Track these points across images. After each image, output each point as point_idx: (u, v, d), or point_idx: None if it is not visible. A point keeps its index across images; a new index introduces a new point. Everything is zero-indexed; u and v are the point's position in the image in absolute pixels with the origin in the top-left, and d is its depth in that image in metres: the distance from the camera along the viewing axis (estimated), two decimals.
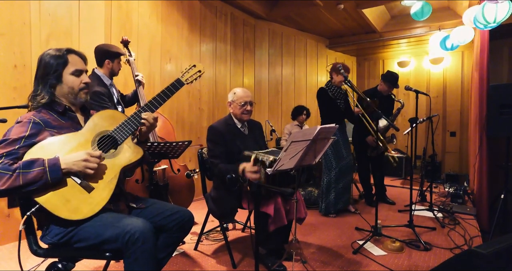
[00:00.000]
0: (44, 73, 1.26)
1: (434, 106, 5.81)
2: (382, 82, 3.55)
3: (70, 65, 1.29)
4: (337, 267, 2.04)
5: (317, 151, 1.71)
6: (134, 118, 1.35)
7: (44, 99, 1.25)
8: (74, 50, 1.33)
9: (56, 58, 1.26)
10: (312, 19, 5.01)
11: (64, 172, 1.13)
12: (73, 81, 1.29)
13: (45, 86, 1.26)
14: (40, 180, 1.08)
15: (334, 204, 3.11)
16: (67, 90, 1.30)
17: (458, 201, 3.67)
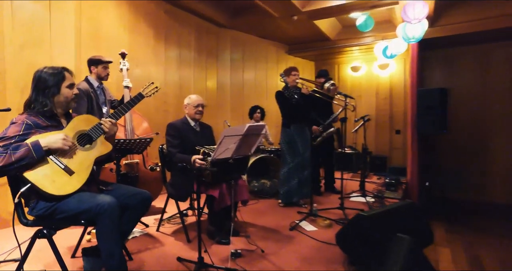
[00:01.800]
0: (45, 86, 1.64)
1: (383, 107, 6.49)
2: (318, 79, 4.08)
3: (67, 80, 1.69)
4: (274, 241, 2.52)
5: (251, 144, 2.17)
6: None
7: (46, 107, 1.63)
8: (67, 69, 1.72)
9: (55, 74, 1.66)
10: (271, 28, 5.50)
11: (45, 149, 1.52)
12: (67, 92, 1.69)
13: (46, 96, 1.64)
14: (27, 156, 1.46)
15: (290, 196, 3.56)
16: (63, 100, 1.69)
17: (391, 188, 4.28)
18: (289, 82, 3.49)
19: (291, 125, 3.51)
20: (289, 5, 4.45)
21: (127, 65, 3.08)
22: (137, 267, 2.00)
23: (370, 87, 6.58)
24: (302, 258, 2.17)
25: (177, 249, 2.31)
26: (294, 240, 2.54)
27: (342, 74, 6.90)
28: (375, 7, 4.54)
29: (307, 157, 3.52)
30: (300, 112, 3.54)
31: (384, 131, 6.47)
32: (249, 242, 2.43)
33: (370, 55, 6.41)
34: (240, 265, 2.02)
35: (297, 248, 2.36)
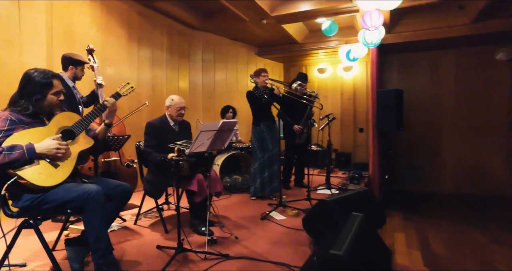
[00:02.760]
0: (31, 91, 1.71)
1: (347, 106, 6.91)
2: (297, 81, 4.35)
3: (54, 88, 1.77)
4: (247, 229, 2.73)
5: (224, 139, 2.37)
6: (88, 117, 1.88)
7: (29, 111, 1.70)
8: (57, 76, 1.80)
9: (43, 83, 1.73)
10: (242, 31, 5.71)
11: (38, 155, 1.63)
12: (52, 99, 1.78)
13: (30, 100, 1.71)
14: (21, 159, 1.57)
15: (261, 190, 3.78)
16: (47, 105, 1.77)
17: (355, 182, 4.63)
18: (259, 82, 3.72)
19: (261, 123, 3.74)
20: (258, 9, 4.68)
21: (97, 62, 3.09)
22: (118, 256, 2.12)
23: (335, 88, 6.98)
24: (272, 242, 2.40)
25: (155, 239, 2.46)
26: (265, 227, 2.76)
27: (309, 76, 7.21)
28: (338, 14, 4.88)
29: (276, 152, 3.77)
30: (270, 111, 3.78)
31: (348, 129, 6.89)
32: (223, 231, 2.62)
33: (335, 58, 6.79)
34: (216, 249, 2.21)
35: (268, 234, 2.58)
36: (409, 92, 6.28)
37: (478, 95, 5.82)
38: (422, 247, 3.49)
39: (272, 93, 3.72)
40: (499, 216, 4.60)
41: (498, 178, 5.68)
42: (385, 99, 4.87)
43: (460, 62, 5.95)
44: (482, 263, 3.10)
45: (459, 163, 5.96)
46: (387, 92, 4.89)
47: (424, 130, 6.18)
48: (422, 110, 6.21)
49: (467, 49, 5.86)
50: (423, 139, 6.19)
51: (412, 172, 6.17)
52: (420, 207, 5.09)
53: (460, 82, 5.96)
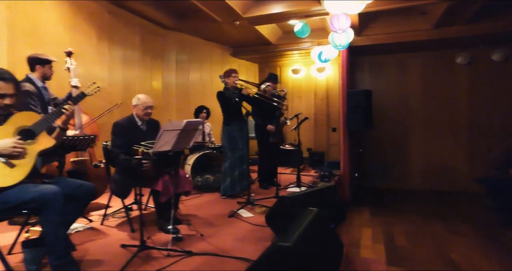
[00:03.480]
0: None
1: (320, 107, 7.07)
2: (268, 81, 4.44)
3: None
4: (213, 226, 2.78)
5: (189, 138, 2.41)
6: (49, 117, 1.88)
7: None
8: (2, 78, 1.75)
9: None
10: (216, 31, 5.75)
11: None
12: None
13: None
14: None
15: (231, 188, 3.84)
16: None
17: (325, 180, 4.77)
18: (229, 83, 3.78)
19: (231, 123, 3.80)
20: (231, 11, 4.74)
21: (74, 64, 3.09)
22: (80, 256, 2.12)
23: (309, 89, 7.13)
24: (237, 239, 2.47)
25: (121, 238, 2.47)
26: (231, 225, 2.82)
27: (284, 76, 7.37)
28: (309, 16, 5.00)
29: (246, 152, 3.84)
30: (240, 111, 3.85)
31: (322, 129, 7.05)
32: (190, 229, 2.66)
33: (308, 59, 6.93)
34: (180, 247, 2.25)
35: (233, 231, 2.64)
36: (380, 93, 6.52)
37: (442, 97, 6.12)
38: (386, 241, 3.66)
39: (241, 93, 3.79)
40: (460, 209, 4.88)
41: (460, 175, 5.99)
42: (354, 100, 5.04)
43: (426, 64, 6.23)
44: (438, 252, 3.30)
45: (426, 161, 6.24)
46: (356, 93, 5.06)
47: (394, 130, 6.43)
48: (392, 111, 6.46)
49: (432, 52, 6.15)
50: (393, 138, 6.44)
51: (382, 169, 6.40)
52: (389, 203, 5.30)
53: (426, 84, 6.24)
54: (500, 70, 5.76)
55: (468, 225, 4.09)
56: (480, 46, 5.81)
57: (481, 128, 5.86)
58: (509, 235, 3.74)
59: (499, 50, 5.66)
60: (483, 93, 5.86)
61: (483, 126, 5.85)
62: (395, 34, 5.54)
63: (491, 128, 5.80)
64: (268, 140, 4.27)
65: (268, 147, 4.36)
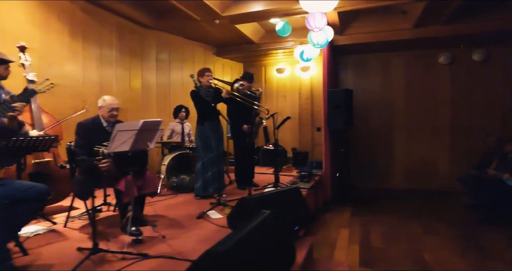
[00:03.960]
0: None
1: (305, 106, 7.04)
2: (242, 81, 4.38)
3: None
4: (179, 228, 2.73)
5: (149, 139, 2.35)
6: None
7: None
8: None
9: None
10: (197, 30, 5.68)
11: None
12: None
13: None
14: None
15: (204, 189, 3.78)
16: None
17: (305, 180, 4.73)
18: (203, 82, 3.72)
19: (205, 122, 3.75)
20: (209, 9, 4.68)
21: (29, 60, 3.00)
22: (32, 260, 2.06)
23: (293, 88, 7.10)
24: (199, 240, 2.41)
25: (81, 241, 2.40)
26: (198, 226, 2.77)
27: (268, 76, 7.33)
28: (289, 14, 4.96)
29: (221, 152, 3.79)
30: (214, 111, 3.79)
31: (306, 128, 7.02)
32: (154, 230, 2.60)
33: (293, 58, 6.86)
34: (138, 249, 2.19)
35: (198, 233, 2.59)
36: (364, 93, 6.52)
37: (425, 96, 6.12)
38: (362, 241, 3.64)
39: (215, 93, 3.73)
40: (439, 209, 4.87)
41: (442, 174, 6.00)
42: (335, 99, 5.02)
43: (408, 64, 6.23)
44: (412, 252, 3.28)
45: (409, 160, 6.23)
46: (337, 92, 5.04)
47: (378, 129, 6.42)
48: (376, 110, 6.45)
49: (414, 52, 6.15)
50: (376, 137, 6.43)
51: (366, 169, 6.39)
52: (370, 203, 5.29)
53: (409, 84, 6.24)
54: (480, 70, 5.78)
55: (445, 224, 4.09)
56: (462, 46, 5.83)
57: (462, 128, 5.88)
58: (483, 234, 3.74)
59: (479, 50, 5.68)
60: (464, 93, 5.87)
61: (464, 126, 5.86)
62: (376, 33, 5.53)
63: (471, 128, 5.81)
64: (244, 140, 4.22)
65: (244, 148, 4.31)
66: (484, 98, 5.74)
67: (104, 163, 2.34)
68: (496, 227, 3.94)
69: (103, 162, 2.34)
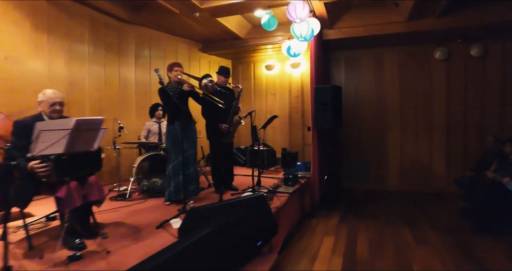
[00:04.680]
0: None
1: (295, 104, 6.73)
2: (219, 76, 4.07)
3: None
4: (132, 239, 2.43)
5: (90, 139, 2.06)
6: None
7: None
8: None
9: None
10: (179, 25, 5.39)
11: None
12: None
13: None
14: None
15: (175, 194, 3.48)
16: None
17: (289, 183, 4.41)
18: (171, 77, 3.42)
19: (175, 122, 3.45)
20: (187, 2, 4.40)
21: None
22: None
23: (283, 86, 6.79)
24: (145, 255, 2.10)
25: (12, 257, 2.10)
26: (154, 237, 2.47)
27: (257, 73, 7.03)
28: (272, 6, 4.67)
29: (193, 154, 3.49)
30: (185, 109, 3.50)
31: (296, 128, 6.71)
32: (101, 244, 2.30)
33: (283, 54, 6.58)
34: (72, 268, 1.89)
35: (150, 245, 2.28)
36: (356, 90, 6.21)
37: (420, 94, 5.80)
38: (346, 252, 3.33)
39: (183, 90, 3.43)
40: (433, 213, 4.53)
41: (438, 176, 5.67)
42: (322, 96, 4.70)
43: (402, 60, 5.91)
44: (399, 264, 2.97)
45: (403, 161, 5.91)
46: (324, 89, 4.72)
47: (370, 128, 6.10)
48: (368, 108, 6.13)
49: (408, 47, 5.83)
50: (369, 137, 6.11)
51: (358, 170, 6.07)
52: (361, 206, 4.96)
53: (403, 81, 5.91)
54: (478, 66, 5.44)
55: (438, 232, 3.76)
56: (459, 41, 5.50)
57: (459, 127, 5.55)
58: (480, 243, 3.41)
59: (477, 44, 5.34)
60: (461, 90, 5.54)
61: (461, 125, 5.53)
62: (368, 27, 5.21)
63: (468, 127, 5.48)
64: (221, 140, 3.92)
65: (221, 148, 4.00)
66: (482, 96, 5.41)
67: (42, 167, 2.04)
68: (494, 235, 3.61)
69: (40, 166, 2.05)
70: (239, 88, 4.01)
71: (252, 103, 7.06)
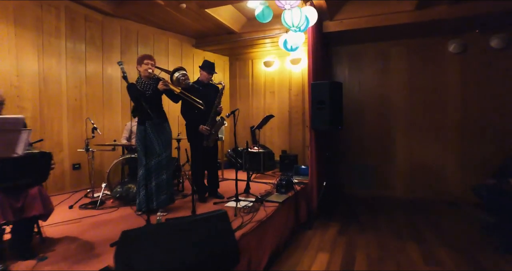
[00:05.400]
0: None
1: (295, 103, 6.27)
2: (201, 71, 3.67)
3: None
4: (75, 261, 2.04)
5: (10, 142, 1.67)
6: None
7: None
8: None
9: None
10: (168, 19, 5.02)
11: None
12: None
13: None
14: None
15: (146, 202, 3.08)
16: None
17: (282, 190, 3.96)
18: (141, 72, 3.04)
19: (146, 121, 3.05)
20: None
21: None
22: None
23: (283, 83, 6.34)
24: None
25: None
26: (102, 258, 2.07)
27: (256, 70, 6.60)
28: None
29: (166, 158, 3.08)
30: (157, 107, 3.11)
31: (297, 128, 6.25)
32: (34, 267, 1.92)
33: (282, 50, 6.13)
34: None
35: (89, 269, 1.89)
36: (360, 88, 5.71)
37: (431, 92, 5.25)
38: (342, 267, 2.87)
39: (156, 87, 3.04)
40: (445, 227, 3.99)
41: (452, 182, 5.11)
42: (319, 93, 4.24)
43: (412, 54, 5.37)
44: None
45: (412, 165, 5.37)
46: (321, 85, 4.24)
47: (376, 129, 5.59)
48: (373, 107, 5.62)
49: (417, 40, 5.30)
50: (374, 138, 5.60)
51: (361, 175, 5.57)
52: (363, 216, 4.46)
53: (412, 77, 5.38)
54: (499, 59, 4.86)
55: (451, 250, 3.24)
56: (477, 31, 4.94)
57: (475, 127, 4.97)
58: (502, 266, 2.88)
59: (498, 35, 4.77)
60: (478, 87, 4.97)
61: (478, 125, 4.95)
62: (372, 18, 4.71)
63: (486, 128, 4.90)
64: (201, 143, 3.51)
65: (203, 152, 3.60)
66: (502, 93, 4.83)
67: None
68: None
69: None
70: (222, 85, 3.59)
71: (250, 102, 6.64)
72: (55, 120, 4.12)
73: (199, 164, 3.60)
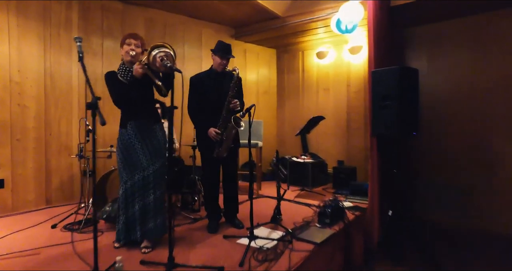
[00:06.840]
0: None
1: (355, 102, 5.05)
2: (213, 56, 2.79)
3: None
4: None
5: None
6: None
7: None
8: None
9: None
10: (199, 5, 4.30)
11: None
12: None
13: None
14: None
15: (126, 233, 2.28)
16: None
17: (326, 221, 2.87)
18: (123, 56, 2.27)
19: (128, 123, 2.27)
20: None
21: None
22: None
23: (339, 78, 5.17)
24: None
25: None
26: None
27: (307, 64, 5.54)
28: None
29: (156, 172, 2.24)
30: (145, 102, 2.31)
31: (357, 134, 5.02)
32: None
33: (339, 36, 4.98)
34: None
35: None
36: (445, 80, 4.27)
37: None
38: None
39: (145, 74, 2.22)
40: None
41: None
42: (382, 85, 3.04)
43: None
44: None
45: None
46: (387, 73, 3.03)
47: (467, 136, 4.06)
48: (465, 106, 4.10)
49: None
50: (465, 149, 4.07)
51: (446, 198, 4.09)
52: (447, 258, 3.08)
53: None
54: None
55: None
56: None
57: None
58: None
59: None
60: None
61: None
62: None
63: None
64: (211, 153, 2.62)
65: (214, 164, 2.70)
66: None
67: None
68: None
69: None
70: (236, 72, 2.65)
71: (300, 101, 5.61)
72: (63, 121, 3.64)
73: (211, 180, 2.72)
